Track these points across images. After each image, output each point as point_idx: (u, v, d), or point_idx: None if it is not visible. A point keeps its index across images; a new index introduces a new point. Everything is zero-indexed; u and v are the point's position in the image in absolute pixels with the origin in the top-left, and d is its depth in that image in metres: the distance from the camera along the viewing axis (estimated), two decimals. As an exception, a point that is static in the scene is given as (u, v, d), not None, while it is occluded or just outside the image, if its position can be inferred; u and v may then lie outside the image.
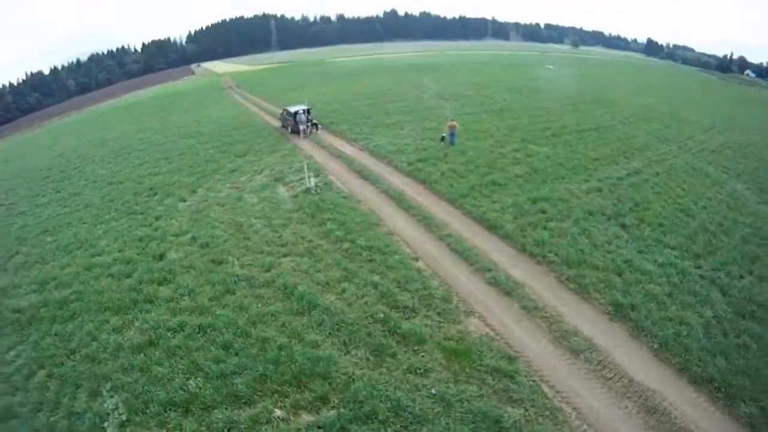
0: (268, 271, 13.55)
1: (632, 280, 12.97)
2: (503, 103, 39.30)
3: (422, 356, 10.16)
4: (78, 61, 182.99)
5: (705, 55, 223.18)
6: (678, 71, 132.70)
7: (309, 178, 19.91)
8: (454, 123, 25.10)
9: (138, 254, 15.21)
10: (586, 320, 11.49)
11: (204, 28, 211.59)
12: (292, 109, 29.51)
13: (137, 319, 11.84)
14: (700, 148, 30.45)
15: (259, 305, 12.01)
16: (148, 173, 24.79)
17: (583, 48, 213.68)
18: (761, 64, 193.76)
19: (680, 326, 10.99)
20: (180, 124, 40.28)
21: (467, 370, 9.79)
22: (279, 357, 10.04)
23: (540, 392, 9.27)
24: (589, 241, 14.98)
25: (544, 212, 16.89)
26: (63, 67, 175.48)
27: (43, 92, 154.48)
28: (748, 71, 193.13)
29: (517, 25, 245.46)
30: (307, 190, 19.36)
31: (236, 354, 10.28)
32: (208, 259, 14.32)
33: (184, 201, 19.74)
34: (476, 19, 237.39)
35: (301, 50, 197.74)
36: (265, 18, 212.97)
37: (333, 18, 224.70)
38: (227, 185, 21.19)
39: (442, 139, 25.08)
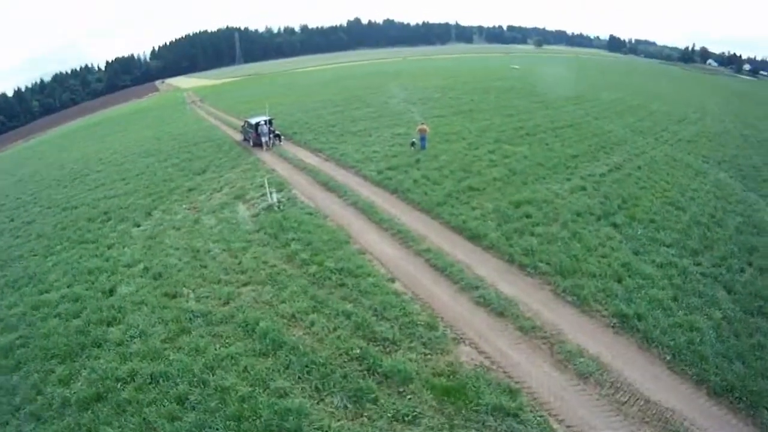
0: (227, 303, 11.79)
1: (633, 286, 11.79)
2: (472, 104, 38.33)
3: (409, 399, 8.54)
4: (41, 81, 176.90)
5: (667, 47, 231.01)
6: (641, 65, 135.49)
7: (271, 193, 18.11)
8: (424, 126, 23.65)
9: (87, 289, 13.42)
10: (589, 336, 10.19)
11: (168, 43, 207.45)
12: (253, 121, 27.74)
13: (85, 368, 10.02)
14: (676, 138, 30.05)
15: (218, 346, 10.20)
16: (103, 196, 22.74)
17: (546, 47, 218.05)
18: (723, 53, 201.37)
19: (691, 332, 10.02)
20: (140, 141, 38.14)
21: (463, 411, 8.24)
22: (241, 411, 8.29)
23: (549, 430, 7.87)
24: (581, 246, 13.68)
25: (529, 216, 15.54)
26: (27, 88, 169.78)
27: (7, 115, 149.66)
28: (710, 60, 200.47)
29: (480, 28, 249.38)
30: (270, 207, 17.53)
31: (193, 409, 8.54)
32: (161, 292, 12.60)
33: (139, 226, 17.86)
34: (440, 24, 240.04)
35: (266, 62, 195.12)
36: (229, 31, 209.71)
37: (297, 29, 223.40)
38: (184, 206, 19.26)
39: (413, 144, 23.65)
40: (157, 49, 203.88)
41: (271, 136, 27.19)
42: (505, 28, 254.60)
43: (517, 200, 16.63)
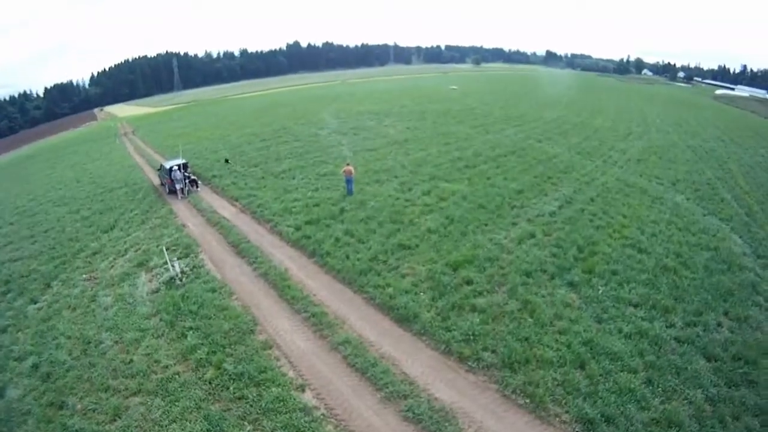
0: (114, 420, 9.72)
1: (599, 373, 9.67)
2: (407, 132, 36.24)
3: None
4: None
5: (602, 60, 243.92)
6: (578, 78, 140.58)
7: (172, 264, 15.26)
8: (350, 167, 20.86)
9: None
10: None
11: (107, 69, 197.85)
12: (168, 165, 24.60)
13: None
14: (625, 158, 29.17)
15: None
16: (8, 259, 19.83)
17: (485, 65, 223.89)
18: (657, 62, 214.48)
19: (670, 429, 8.38)
20: (61, 183, 34.40)
21: None
22: None
23: None
24: (533, 321, 11.32)
25: (470, 283, 12.98)
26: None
27: None
28: (645, 70, 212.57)
29: (418, 48, 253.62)
30: (171, 281, 14.73)
31: None
32: (47, 400, 10.69)
33: (35, 302, 15.51)
34: (378, 46, 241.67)
35: (205, 88, 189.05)
36: (168, 56, 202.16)
37: (236, 53, 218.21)
38: (84, 276, 16.56)
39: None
40: (96, 75, 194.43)
41: (187, 182, 24.04)
42: (443, 47, 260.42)
43: (456, 260, 14.01)
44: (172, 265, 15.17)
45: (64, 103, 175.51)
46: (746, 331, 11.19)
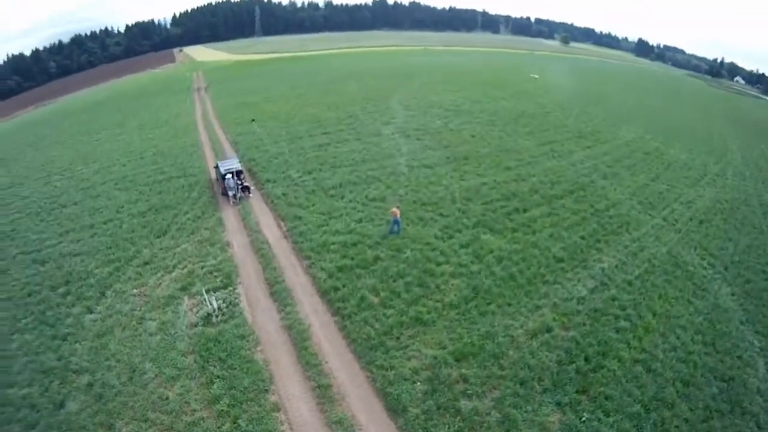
0: None
1: None
2: (472, 142, 35.60)
3: None
4: (60, 42, 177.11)
5: (695, 57, 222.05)
6: (668, 78, 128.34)
7: (210, 301, 16.77)
8: (397, 210, 21.20)
9: (41, 395, 13.49)
10: None
11: (189, 10, 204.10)
12: (222, 169, 25.89)
13: None
14: (687, 216, 27.28)
15: None
16: (69, 251, 21.60)
17: (573, 45, 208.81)
18: (752, 71, 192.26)
19: None
20: (125, 154, 36.37)
21: None
22: None
23: None
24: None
25: (465, 381, 13.37)
26: (44, 48, 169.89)
27: (24, 75, 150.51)
28: (738, 78, 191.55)
29: (507, 18, 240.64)
30: (208, 317, 16.27)
31: None
32: (99, 420, 12.51)
33: (91, 312, 17.11)
34: (467, 11, 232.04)
35: (287, 36, 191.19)
36: (252, 2, 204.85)
37: (321, 4, 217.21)
38: (134, 291, 18.19)
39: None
40: (178, 15, 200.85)
41: (239, 188, 25.38)
42: (533, 20, 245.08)
43: (462, 350, 14.31)
44: (210, 302, 16.68)
45: (145, 41, 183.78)
46: None
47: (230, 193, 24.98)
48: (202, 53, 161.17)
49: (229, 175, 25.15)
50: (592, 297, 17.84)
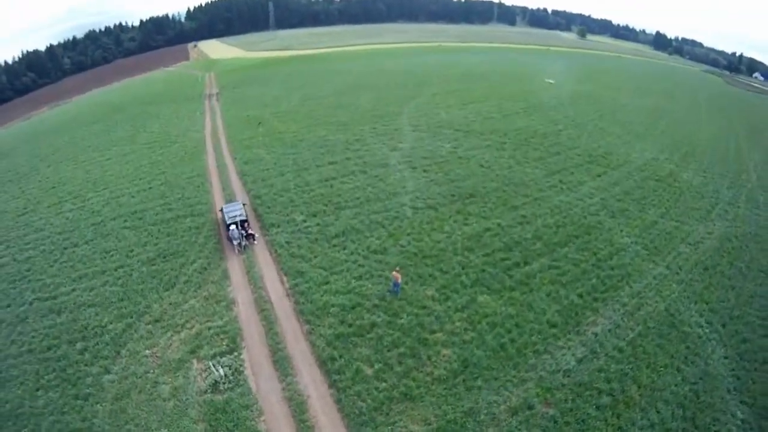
0: None
1: None
2: (479, 173, 35.51)
3: None
4: (74, 38, 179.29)
5: (714, 50, 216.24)
6: (686, 76, 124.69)
7: (217, 369, 17.89)
8: (398, 274, 21.66)
9: None
10: None
11: (204, 4, 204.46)
12: (227, 218, 26.46)
13: None
14: (694, 261, 27.03)
15: None
16: (85, 301, 22.58)
17: (590, 38, 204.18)
18: None
19: None
20: (133, 181, 37.28)
21: None
22: None
23: None
24: None
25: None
26: (59, 44, 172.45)
27: (39, 72, 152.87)
28: (757, 74, 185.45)
29: (524, 9, 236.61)
30: (215, 384, 17.32)
31: None
32: None
33: (109, 372, 18.27)
34: (482, 2, 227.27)
35: (300, 30, 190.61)
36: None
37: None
38: (147, 352, 19.19)
39: None
40: (192, 9, 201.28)
41: (244, 236, 25.95)
42: (549, 11, 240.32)
43: (445, 428, 15.28)
44: (216, 370, 17.70)
45: (159, 35, 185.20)
46: None
47: (235, 243, 25.53)
48: (215, 49, 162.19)
49: (233, 226, 25.64)
50: (580, 368, 18.15)
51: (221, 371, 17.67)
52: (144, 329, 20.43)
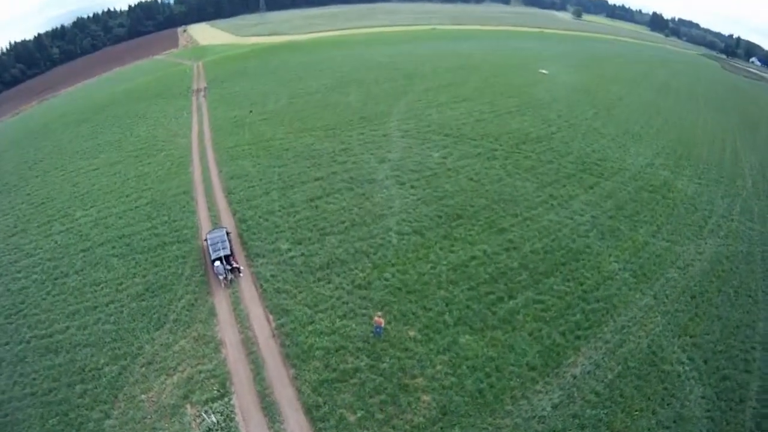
0: None
1: None
2: (467, 189, 35.05)
3: None
4: (62, 27, 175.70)
5: (710, 32, 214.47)
6: (682, 62, 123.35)
7: (208, 415, 18.48)
8: (380, 320, 21.66)
9: None
10: None
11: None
12: (212, 250, 26.34)
13: None
14: (681, 288, 27.16)
15: None
16: (80, 341, 22.85)
17: (585, 18, 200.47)
18: None
19: None
20: (119, 199, 36.65)
21: None
22: None
23: None
24: None
25: None
26: (47, 33, 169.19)
27: (27, 63, 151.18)
28: (754, 59, 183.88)
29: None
30: (209, 431, 17.96)
31: None
32: None
33: (109, 417, 18.82)
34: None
35: (292, 12, 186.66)
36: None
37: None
38: (143, 396, 19.61)
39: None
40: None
41: (229, 270, 25.82)
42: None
43: None
44: (209, 416, 18.33)
45: (148, 20, 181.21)
46: None
47: (220, 278, 25.43)
48: (205, 34, 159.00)
49: (217, 262, 25.49)
50: (555, 414, 18.50)
51: (213, 418, 18.23)
52: (138, 372, 20.69)
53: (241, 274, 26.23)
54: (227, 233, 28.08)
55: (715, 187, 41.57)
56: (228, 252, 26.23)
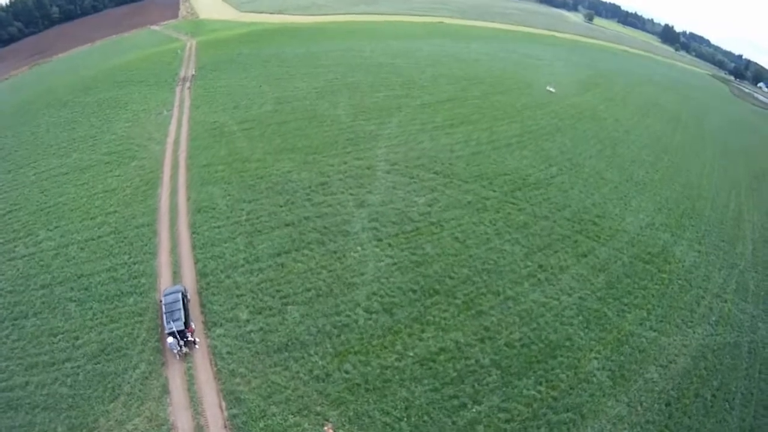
0: None
1: None
2: (451, 252, 32.52)
3: None
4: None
5: (720, 50, 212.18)
6: (692, 90, 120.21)
7: None
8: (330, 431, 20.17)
9: None
10: None
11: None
12: (165, 322, 24.27)
13: None
14: (657, 393, 25.69)
15: None
16: (38, 401, 22.54)
17: (597, 22, 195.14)
18: None
19: None
20: (81, 227, 34.73)
21: None
22: None
23: None
24: None
25: None
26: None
27: (26, 21, 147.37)
28: (762, 84, 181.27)
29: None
30: None
31: None
32: None
33: None
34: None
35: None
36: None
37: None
38: None
39: None
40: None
41: (183, 344, 23.94)
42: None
43: None
44: None
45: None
46: None
47: (174, 351, 23.69)
48: (207, 7, 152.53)
49: (170, 338, 23.57)
50: None
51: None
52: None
53: (196, 346, 24.36)
54: (183, 295, 25.92)
55: (714, 256, 39.74)
56: (182, 326, 24.12)
